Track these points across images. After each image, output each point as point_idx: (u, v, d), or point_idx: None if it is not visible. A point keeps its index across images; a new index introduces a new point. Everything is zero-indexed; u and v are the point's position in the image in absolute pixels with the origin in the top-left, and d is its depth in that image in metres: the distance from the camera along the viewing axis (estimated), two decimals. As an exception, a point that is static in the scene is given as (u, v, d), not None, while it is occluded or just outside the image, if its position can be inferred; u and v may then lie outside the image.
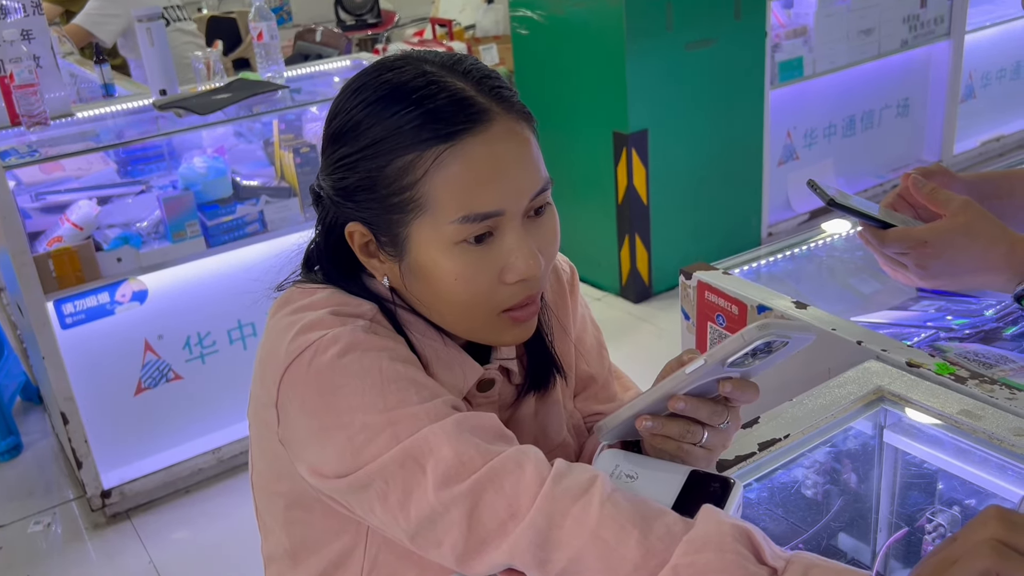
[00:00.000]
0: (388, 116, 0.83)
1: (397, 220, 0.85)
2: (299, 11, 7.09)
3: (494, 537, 0.75)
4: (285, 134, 2.79)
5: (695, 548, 0.69)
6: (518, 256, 0.85)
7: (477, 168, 0.82)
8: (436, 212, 0.83)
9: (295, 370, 0.84)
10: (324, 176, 0.91)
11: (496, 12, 5.02)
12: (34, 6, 2.62)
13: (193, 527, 2.64)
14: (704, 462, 0.86)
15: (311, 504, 0.91)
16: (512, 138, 0.84)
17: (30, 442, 3.06)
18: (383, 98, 0.84)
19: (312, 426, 0.83)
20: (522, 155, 0.85)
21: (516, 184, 0.84)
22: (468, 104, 0.83)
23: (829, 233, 1.56)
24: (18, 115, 2.54)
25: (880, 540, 1.12)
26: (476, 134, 0.82)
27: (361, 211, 0.87)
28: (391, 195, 0.84)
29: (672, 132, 3.49)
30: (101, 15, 3.99)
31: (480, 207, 0.83)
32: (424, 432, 0.79)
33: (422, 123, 0.82)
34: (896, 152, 4.49)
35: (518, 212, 0.85)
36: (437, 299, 0.88)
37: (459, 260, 0.84)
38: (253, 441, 0.97)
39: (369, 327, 0.86)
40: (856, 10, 3.98)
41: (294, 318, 0.88)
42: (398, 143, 0.83)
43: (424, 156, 0.82)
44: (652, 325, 3.50)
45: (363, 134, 0.85)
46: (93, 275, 2.44)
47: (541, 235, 0.88)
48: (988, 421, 0.98)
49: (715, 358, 0.77)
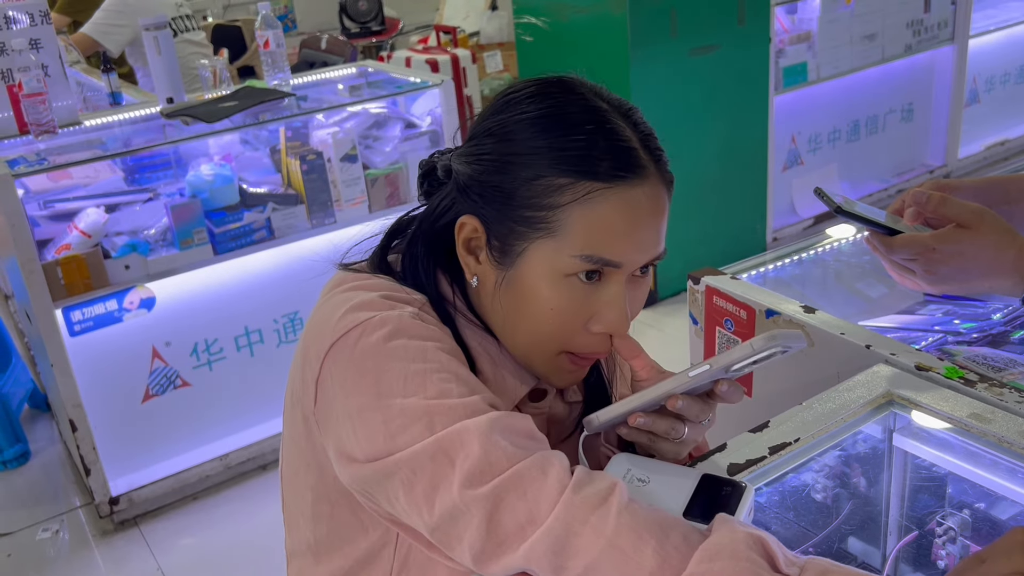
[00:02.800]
0: (556, 133, 0.85)
1: (521, 233, 0.86)
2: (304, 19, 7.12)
3: (512, 541, 0.76)
4: (291, 141, 2.80)
5: (710, 556, 0.70)
6: (612, 309, 0.87)
7: (618, 217, 0.84)
8: (562, 240, 0.85)
9: (340, 347, 0.84)
10: (462, 161, 0.91)
11: (500, 19, 5.04)
12: (42, 15, 2.64)
13: (201, 534, 2.64)
14: (673, 456, 0.88)
15: (339, 499, 0.92)
16: (657, 202, 0.87)
17: (38, 449, 3.07)
18: (555, 115, 0.86)
19: (349, 406, 0.83)
20: (658, 221, 0.88)
21: (643, 245, 0.87)
22: (635, 156, 0.86)
23: (836, 238, 1.56)
24: (27, 124, 2.56)
25: (890, 544, 1.12)
26: (632, 186, 0.85)
27: (486, 209, 0.88)
28: (526, 208, 0.86)
29: (676, 138, 3.48)
30: (109, 25, 4.02)
31: (606, 254, 0.85)
32: (458, 427, 0.79)
33: (586, 154, 0.84)
34: (901, 157, 4.50)
35: (630, 271, 0.88)
36: (520, 319, 0.89)
37: (562, 292, 0.86)
38: (286, 429, 0.97)
39: (417, 315, 0.87)
40: (860, 15, 3.98)
41: (344, 296, 0.89)
42: (555, 164, 0.84)
43: (577, 186, 0.84)
44: (658, 330, 3.50)
45: (523, 141, 0.86)
46: (101, 282, 2.45)
47: (634, 297, 0.91)
48: (997, 424, 0.98)
49: (721, 364, 0.78)
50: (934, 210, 1.07)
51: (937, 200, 1.06)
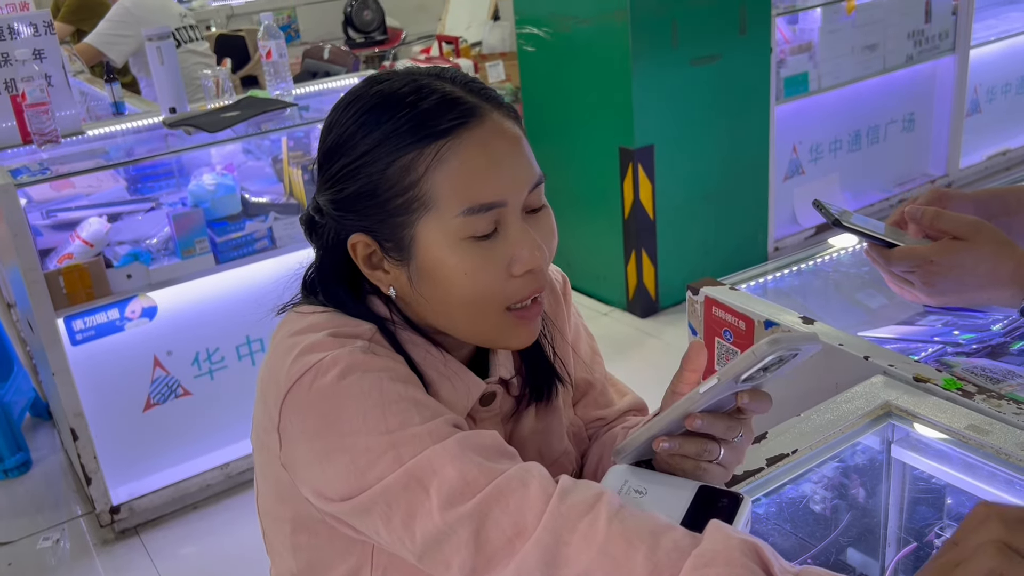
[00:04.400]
0: (385, 121, 0.86)
1: (402, 222, 0.87)
2: (307, 29, 7.15)
3: (501, 556, 0.75)
4: (294, 151, 2.81)
5: (704, 562, 0.69)
6: (523, 247, 0.87)
7: (475, 160, 0.85)
8: (440, 208, 0.85)
9: (296, 393, 0.84)
10: (322, 193, 0.92)
11: (502, 29, 5.05)
12: (46, 25, 2.66)
13: (201, 543, 2.64)
14: (720, 479, 0.86)
15: (317, 528, 0.91)
16: (504, 132, 0.88)
17: (39, 458, 3.07)
18: (377, 106, 0.87)
19: (314, 449, 0.84)
20: (515, 148, 0.88)
21: (513, 175, 0.87)
22: (460, 102, 0.86)
23: (836, 248, 1.56)
24: (30, 133, 2.57)
25: (889, 555, 1.12)
26: (471, 128, 0.85)
27: (363, 219, 0.89)
28: (394, 196, 0.86)
29: (678, 148, 3.50)
30: (113, 35, 4.04)
31: (482, 198, 0.85)
32: (427, 453, 0.79)
33: (419, 122, 0.85)
34: (902, 167, 4.50)
35: (518, 205, 0.87)
36: (447, 299, 0.89)
37: (466, 255, 0.86)
38: (257, 466, 0.97)
39: (368, 347, 0.87)
40: (861, 26, 3.99)
41: (293, 340, 0.89)
42: (396, 144, 0.85)
43: (424, 153, 0.84)
44: (659, 340, 3.50)
45: (361, 142, 0.87)
46: (103, 291, 2.45)
47: (541, 231, 0.90)
48: (995, 436, 0.98)
49: (728, 375, 0.77)
50: (930, 224, 1.07)
51: (932, 215, 1.06)
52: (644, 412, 1.14)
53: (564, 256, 3.58)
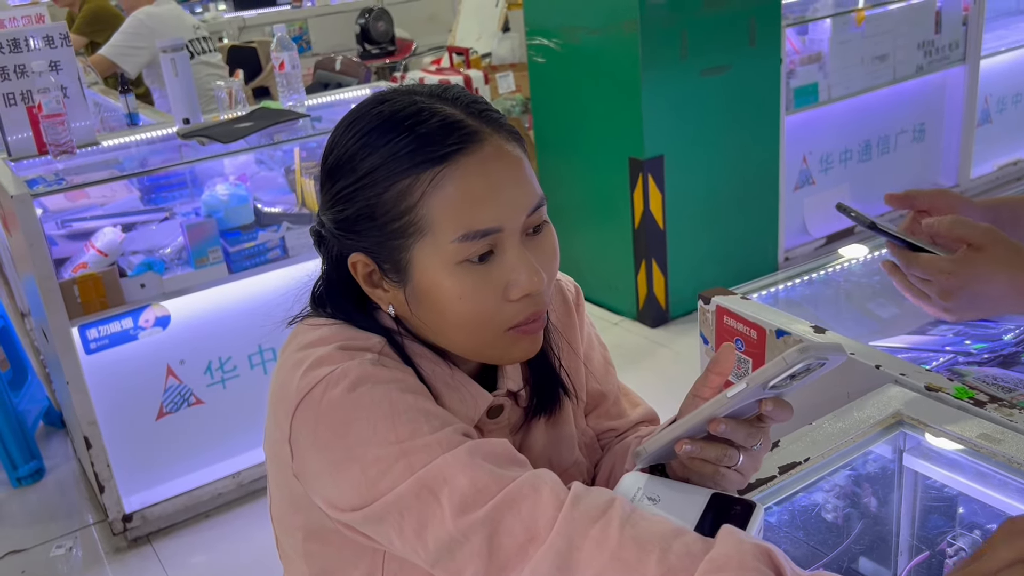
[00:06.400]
0: (383, 144, 0.86)
1: (398, 245, 0.87)
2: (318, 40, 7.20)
3: (514, 562, 0.76)
4: (306, 161, 2.82)
5: (716, 567, 0.70)
6: (520, 272, 0.86)
7: (472, 186, 0.85)
8: (436, 233, 0.85)
9: (307, 406, 0.85)
10: (324, 211, 0.93)
11: (512, 40, 5.07)
12: (62, 37, 2.69)
13: (213, 551, 2.65)
14: (736, 485, 0.87)
15: (329, 536, 0.92)
16: (504, 156, 0.87)
17: (52, 466, 3.09)
18: (376, 128, 0.87)
19: (326, 460, 0.84)
20: (515, 172, 0.87)
21: (512, 200, 0.86)
22: (459, 126, 0.86)
23: (846, 258, 1.57)
24: (45, 144, 2.60)
25: (901, 564, 1.12)
26: (469, 154, 0.85)
27: (363, 240, 0.89)
28: (391, 221, 0.86)
29: (688, 158, 3.51)
30: (127, 47, 4.08)
31: (478, 224, 0.85)
32: (438, 462, 0.80)
33: (416, 147, 0.85)
34: (912, 177, 4.49)
35: (516, 229, 0.87)
36: (443, 321, 0.89)
37: (462, 280, 0.86)
38: (270, 475, 0.98)
39: (377, 360, 0.88)
40: (870, 36, 4.00)
41: (303, 354, 0.89)
42: (394, 169, 0.85)
43: (420, 179, 0.84)
44: (669, 349, 3.50)
45: (359, 165, 0.87)
46: (117, 301, 2.47)
47: (541, 252, 0.89)
48: (1008, 445, 0.99)
49: (757, 381, 0.77)
50: (948, 231, 1.06)
51: (949, 222, 1.06)
52: (656, 423, 1.14)
53: (574, 266, 3.59)
